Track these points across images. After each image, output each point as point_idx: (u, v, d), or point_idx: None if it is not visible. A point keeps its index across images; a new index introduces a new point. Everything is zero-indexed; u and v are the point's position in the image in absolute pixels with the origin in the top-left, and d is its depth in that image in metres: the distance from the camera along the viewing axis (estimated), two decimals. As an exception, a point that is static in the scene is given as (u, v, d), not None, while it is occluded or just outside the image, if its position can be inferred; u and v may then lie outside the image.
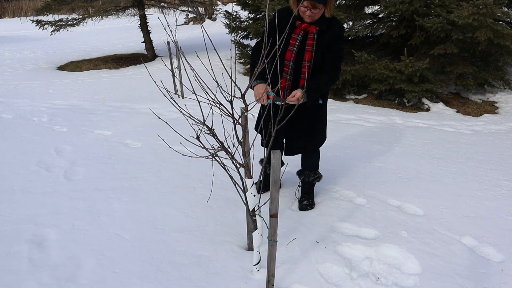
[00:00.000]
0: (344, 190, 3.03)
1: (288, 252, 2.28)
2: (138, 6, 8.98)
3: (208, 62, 4.54)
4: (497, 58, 5.75)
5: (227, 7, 20.58)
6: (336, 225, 2.56)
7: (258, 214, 1.91)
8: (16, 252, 2.30)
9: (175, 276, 2.09)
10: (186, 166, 3.43)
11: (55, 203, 2.83)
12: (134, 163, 3.52)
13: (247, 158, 1.85)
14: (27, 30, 17.43)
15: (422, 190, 3.03)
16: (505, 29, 4.84)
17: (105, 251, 2.31)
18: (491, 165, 3.51)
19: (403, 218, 2.64)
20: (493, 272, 2.13)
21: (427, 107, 5.43)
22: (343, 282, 2.05)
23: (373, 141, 4.10)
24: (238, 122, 1.78)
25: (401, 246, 2.33)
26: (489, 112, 5.34)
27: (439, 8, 5.24)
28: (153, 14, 18.66)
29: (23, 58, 10.17)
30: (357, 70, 5.76)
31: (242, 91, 1.71)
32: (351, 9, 6.26)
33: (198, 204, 2.83)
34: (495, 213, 2.72)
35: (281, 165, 2.76)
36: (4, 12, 26.83)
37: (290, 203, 2.83)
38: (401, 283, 2.05)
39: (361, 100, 5.92)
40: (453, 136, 4.31)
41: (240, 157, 1.96)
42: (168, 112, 5.12)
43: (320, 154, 3.80)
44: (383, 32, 6.32)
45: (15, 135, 4.29)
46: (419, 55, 5.62)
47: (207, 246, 2.35)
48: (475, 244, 2.38)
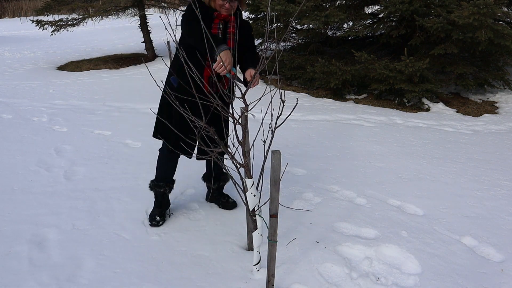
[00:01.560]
0: (344, 190, 3.03)
1: (288, 252, 2.28)
2: (138, 6, 8.98)
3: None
4: (497, 58, 5.75)
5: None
6: (336, 225, 2.56)
7: (258, 214, 1.91)
8: (16, 252, 2.30)
9: (175, 276, 2.09)
10: (186, 166, 3.43)
11: (55, 203, 2.83)
12: (134, 163, 3.52)
13: (247, 158, 1.85)
14: (27, 30, 17.43)
15: (422, 190, 3.02)
16: (506, 29, 4.84)
17: (105, 251, 2.31)
18: (491, 165, 3.51)
19: (403, 218, 2.64)
20: (493, 272, 2.13)
21: (427, 107, 5.43)
22: (343, 282, 2.05)
23: (373, 141, 4.10)
24: (238, 122, 1.78)
25: (401, 246, 2.33)
26: (489, 112, 5.34)
27: (439, 8, 5.24)
28: (153, 14, 18.64)
29: (23, 58, 10.17)
30: (357, 70, 5.76)
31: (242, 91, 1.71)
32: (351, 9, 6.26)
33: (198, 204, 2.83)
34: (495, 213, 2.72)
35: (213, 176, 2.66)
36: (4, 12, 26.84)
37: (290, 203, 2.83)
38: (401, 283, 2.05)
39: (361, 100, 5.91)
40: (453, 136, 4.31)
41: (240, 157, 1.96)
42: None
43: (319, 154, 3.81)
44: (383, 32, 6.32)
45: (15, 135, 4.29)
46: (419, 55, 5.62)
47: (207, 246, 2.34)
48: (475, 244, 2.37)
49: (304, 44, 7.20)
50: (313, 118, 4.96)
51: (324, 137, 4.22)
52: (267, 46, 1.78)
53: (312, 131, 4.45)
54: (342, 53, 7.01)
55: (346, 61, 6.18)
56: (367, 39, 7.29)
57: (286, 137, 4.22)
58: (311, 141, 4.11)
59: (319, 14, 5.66)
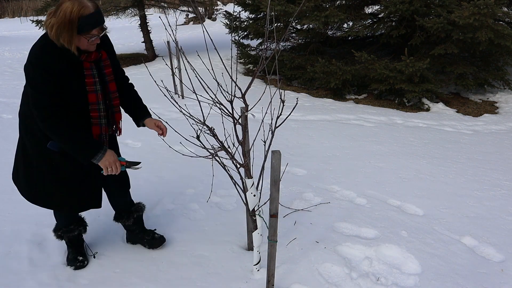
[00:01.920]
0: (344, 190, 3.03)
1: (288, 252, 2.27)
2: (138, 6, 8.98)
3: (208, 61, 4.54)
4: (497, 58, 5.75)
5: (227, 7, 20.59)
6: (336, 225, 2.56)
7: (258, 214, 1.91)
8: (16, 252, 2.30)
9: (175, 276, 2.09)
10: (186, 166, 3.43)
11: (55, 203, 2.83)
12: (134, 163, 3.52)
13: (247, 158, 1.85)
14: (27, 30, 17.42)
15: (422, 190, 3.02)
16: (506, 29, 4.84)
17: (105, 251, 2.31)
18: (491, 165, 3.50)
19: (403, 218, 2.64)
20: (493, 272, 2.13)
21: (427, 107, 5.43)
22: (343, 282, 2.05)
23: (373, 141, 4.10)
24: (238, 122, 1.78)
25: (401, 246, 2.33)
26: (489, 112, 5.34)
27: (440, 8, 5.23)
28: (153, 14, 18.65)
29: (23, 58, 10.16)
30: (357, 70, 5.76)
31: (243, 91, 1.71)
32: (351, 9, 6.26)
33: (198, 204, 2.83)
34: (495, 213, 2.72)
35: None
36: (4, 12, 26.84)
37: (290, 203, 2.83)
38: (401, 283, 2.05)
39: (361, 100, 5.92)
40: (453, 136, 4.31)
41: (240, 157, 1.96)
42: (168, 112, 5.12)
43: (318, 154, 3.81)
44: (383, 32, 6.32)
45: (15, 135, 4.29)
46: (419, 55, 5.62)
47: (207, 246, 2.34)
48: (475, 244, 2.37)
49: (304, 44, 7.20)
50: (313, 118, 4.96)
51: (324, 137, 4.22)
52: (266, 46, 1.78)
53: (312, 131, 4.45)
54: (342, 53, 7.01)
55: (346, 61, 6.18)
56: (367, 39, 7.29)
57: (286, 137, 4.22)
58: (311, 141, 4.11)
59: (319, 14, 5.66)
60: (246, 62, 7.51)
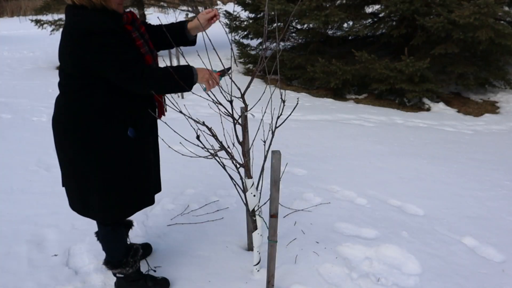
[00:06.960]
0: (344, 190, 3.02)
1: (288, 252, 2.27)
2: (137, 6, 8.98)
3: (208, 61, 4.53)
4: (498, 57, 5.75)
5: (227, 6, 20.57)
6: (336, 225, 2.55)
7: (258, 214, 1.91)
8: (16, 252, 2.29)
9: (175, 276, 2.08)
10: (186, 166, 3.43)
11: (54, 203, 2.82)
12: (134, 163, 3.51)
13: (247, 158, 1.84)
14: (26, 29, 17.40)
15: (422, 190, 3.02)
16: (506, 29, 4.84)
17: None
18: (492, 165, 3.50)
19: (403, 218, 2.63)
20: (494, 273, 2.13)
21: (428, 107, 5.42)
22: (343, 283, 2.04)
23: (373, 141, 4.09)
24: (238, 122, 1.78)
25: (401, 246, 2.32)
26: (490, 112, 5.34)
27: (440, 8, 5.23)
28: (153, 13, 18.65)
29: (23, 57, 10.16)
30: (358, 70, 5.75)
31: (242, 91, 1.70)
32: (351, 8, 6.25)
33: (198, 204, 2.82)
34: (496, 213, 2.71)
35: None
36: (3, 11, 26.83)
37: (290, 203, 2.82)
38: (402, 284, 2.04)
39: (361, 100, 5.91)
40: (453, 136, 4.30)
41: (240, 157, 1.95)
42: (167, 112, 5.11)
43: (318, 154, 3.80)
44: (383, 32, 6.32)
45: (14, 135, 4.28)
46: (419, 54, 5.61)
47: (207, 246, 2.34)
48: (476, 244, 2.37)
49: (304, 44, 7.20)
50: (313, 118, 4.96)
51: (324, 137, 4.22)
52: (266, 46, 1.77)
53: (312, 131, 4.44)
54: (342, 52, 7.01)
55: (346, 60, 6.17)
56: (367, 39, 7.28)
57: (286, 137, 4.21)
58: (311, 141, 4.10)
59: (319, 13, 5.65)
60: (246, 62, 7.51)
